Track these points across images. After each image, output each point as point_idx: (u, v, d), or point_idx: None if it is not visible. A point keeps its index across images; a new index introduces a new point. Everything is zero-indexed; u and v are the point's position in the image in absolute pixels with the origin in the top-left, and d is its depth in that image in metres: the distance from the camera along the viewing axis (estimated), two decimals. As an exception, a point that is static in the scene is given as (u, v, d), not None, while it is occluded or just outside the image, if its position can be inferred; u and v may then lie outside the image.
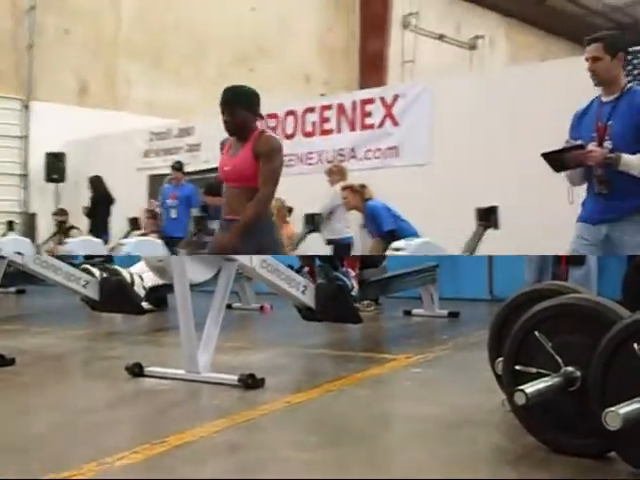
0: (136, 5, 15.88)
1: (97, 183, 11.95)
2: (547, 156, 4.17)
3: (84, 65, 15.34)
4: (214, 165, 11.06)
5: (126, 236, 8.76)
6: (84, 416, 3.86)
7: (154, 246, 7.37)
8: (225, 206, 4.41)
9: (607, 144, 4.04)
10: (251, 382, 4.26)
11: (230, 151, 4.40)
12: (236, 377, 4.30)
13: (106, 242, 9.60)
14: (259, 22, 17.00)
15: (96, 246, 8.53)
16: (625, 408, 2.62)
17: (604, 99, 4.11)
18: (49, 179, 14.15)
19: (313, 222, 6.65)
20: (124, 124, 14.56)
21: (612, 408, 2.60)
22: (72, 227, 12.09)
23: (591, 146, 4.04)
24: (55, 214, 12.70)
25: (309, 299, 5.57)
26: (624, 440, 2.73)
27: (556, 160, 4.13)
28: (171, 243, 9.43)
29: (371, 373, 4.82)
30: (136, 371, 4.57)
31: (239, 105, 4.30)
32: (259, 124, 4.43)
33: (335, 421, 3.76)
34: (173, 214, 10.55)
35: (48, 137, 14.32)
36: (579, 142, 4.07)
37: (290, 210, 8.95)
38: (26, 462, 3.13)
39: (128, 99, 15.72)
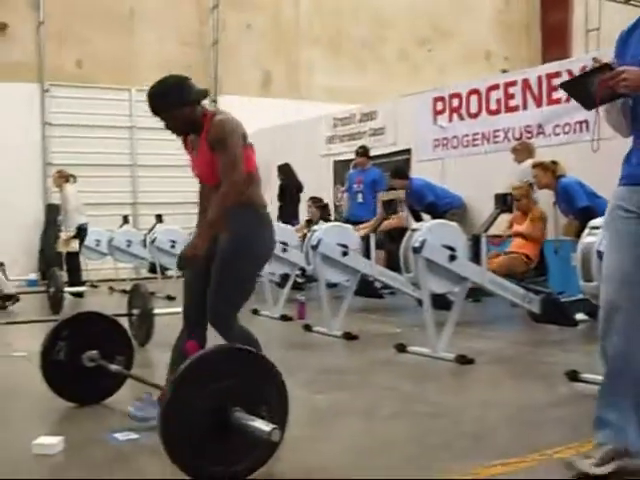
0: (313, -7, 16.18)
1: (286, 170, 12.26)
2: (568, 87, 3.21)
3: (266, 57, 15.80)
4: (399, 148, 11.31)
5: (316, 222, 8.94)
6: (527, 412, 4.32)
7: (345, 232, 7.47)
8: (200, 206, 4.09)
9: None
10: None
11: (193, 148, 4.05)
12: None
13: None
14: (435, 2, 16.87)
15: (288, 233, 8.75)
16: None
17: None
18: (238, 169, 14.58)
19: (505, 202, 6.52)
20: (306, 112, 14.88)
21: None
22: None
23: (625, 67, 2.92)
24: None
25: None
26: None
27: (581, 92, 3.02)
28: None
29: None
30: (572, 376, 4.90)
31: (170, 107, 3.87)
32: (205, 107, 3.96)
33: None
34: (359, 199, 10.71)
35: (235, 128, 14.80)
36: (606, 61, 2.97)
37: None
38: (479, 448, 3.69)
39: (310, 87, 16.05)
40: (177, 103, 3.85)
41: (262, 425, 3.04)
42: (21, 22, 13.84)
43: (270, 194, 13.27)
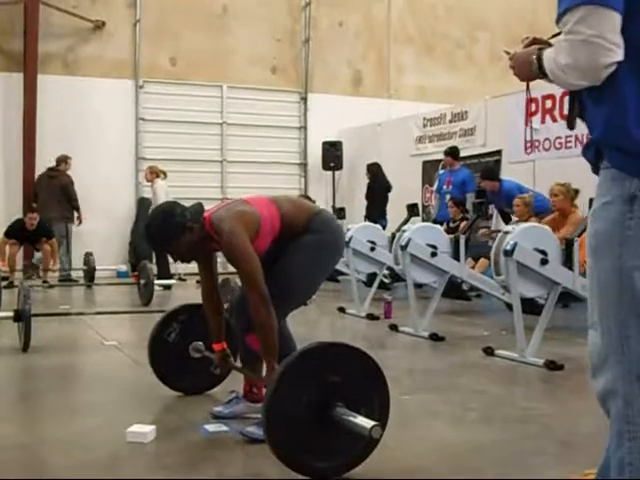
0: (406, -7, 16.11)
1: (375, 170, 12.26)
2: None
3: (357, 55, 15.81)
4: (490, 149, 11.19)
5: (405, 222, 8.90)
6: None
7: (434, 232, 7.42)
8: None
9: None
10: None
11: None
12: None
13: (384, 228, 9.82)
14: (531, 1, 16.61)
15: (376, 232, 8.75)
16: None
17: None
18: (326, 167, 14.67)
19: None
20: (396, 111, 14.86)
21: None
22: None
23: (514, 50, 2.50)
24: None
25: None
26: None
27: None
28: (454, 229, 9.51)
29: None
30: None
31: (169, 242, 3.78)
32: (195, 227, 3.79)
33: None
34: (448, 199, 10.63)
35: (324, 127, 14.90)
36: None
37: (577, 192, 8.65)
38: (572, 455, 3.63)
39: (400, 86, 16.00)
40: (173, 237, 3.74)
41: (364, 422, 3.06)
42: (118, 20, 14.15)
43: (358, 193, 13.34)
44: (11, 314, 6.17)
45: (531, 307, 6.43)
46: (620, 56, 2.07)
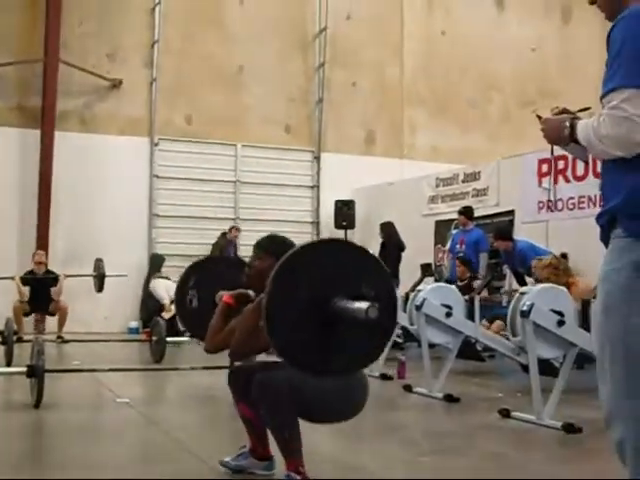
0: (420, 53, 16.28)
1: (389, 229, 12.28)
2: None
3: (370, 115, 15.94)
4: (503, 209, 11.21)
5: (419, 282, 8.88)
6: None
7: (449, 292, 7.40)
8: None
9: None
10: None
11: None
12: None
13: (397, 287, 9.77)
14: (540, 62, 16.81)
15: (390, 291, 8.71)
16: None
17: None
18: (339, 226, 14.69)
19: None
20: (409, 171, 14.93)
21: None
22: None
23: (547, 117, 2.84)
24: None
25: None
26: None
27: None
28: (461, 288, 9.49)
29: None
30: None
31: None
32: None
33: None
34: (461, 259, 10.60)
35: (337, 186, 14.97)
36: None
37: (564, 256, 8.60)
38: None
39: (413, 146, 16.11)
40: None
41: (360, 305, 3.10)
42: (135, 79, 14.36)
43: (371, 251, 13.32)
44: (24, 369, 6.14)
45: (545, 368, 6.37)
46: None
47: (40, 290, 11.84)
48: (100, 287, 11.87)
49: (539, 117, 2.86)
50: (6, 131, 13.42)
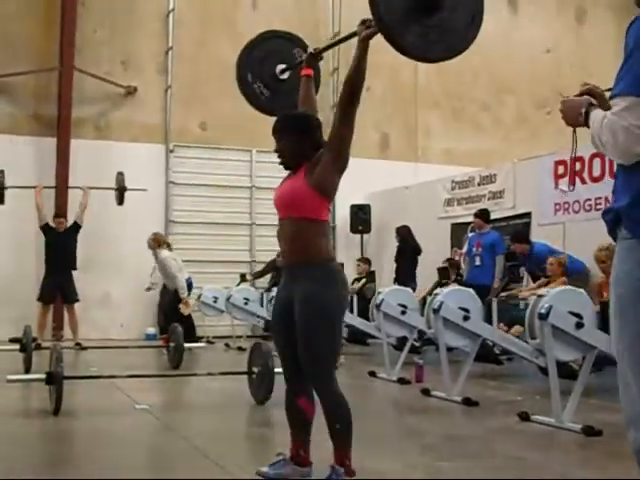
0: (433, 58, 16.25)
1: (405, 233, 12.28)
2: None
3: (385, 119, 15.90)
4: (519, 211, 11.17)
5: (436, 286, 8.87)
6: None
7: (466, 295, 7.38)
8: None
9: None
10: None
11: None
12: None
13: (413, 290, 9.76)
14: (555, 63, 16.74)
15: (407, 295, 8.71)
16: None
17: None
18: (354, 230, 14.69)
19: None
20: (423, 174, 14.90)
21: None
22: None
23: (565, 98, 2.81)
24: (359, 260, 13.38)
25: None
26: None
27: None
28: (477, 291, 9.45)
29: None
30: None
31: (301, 132, 4.07)
32: None
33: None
34: (477, 262, 10.58)
35: (352, 190, 14.91)
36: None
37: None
38: None
39: (428, 149, 16.08)
40: (307, 129, 4.12)
41: None
42: (149, 86, 14.41)
43: (387, 255, 13.32)
44: (43, 376, 6.17)
45: (563, 371, 6.34)
46: None
47: (59, 248, 11.99)
48: (120, 200, 12.27)
49: (562, 95, 2.87)
50: (23, 140, 13.49)
